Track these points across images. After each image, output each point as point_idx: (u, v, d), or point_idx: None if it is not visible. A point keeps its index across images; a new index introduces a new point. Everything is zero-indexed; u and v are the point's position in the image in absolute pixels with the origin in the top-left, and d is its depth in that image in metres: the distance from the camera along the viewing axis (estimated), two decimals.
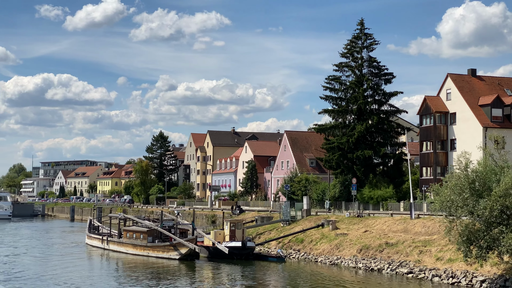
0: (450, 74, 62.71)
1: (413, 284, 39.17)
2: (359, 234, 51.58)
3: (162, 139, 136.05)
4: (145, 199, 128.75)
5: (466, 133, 59.43)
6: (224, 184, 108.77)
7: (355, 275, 43.81)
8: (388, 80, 70.23)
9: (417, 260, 42.95)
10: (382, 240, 48.29)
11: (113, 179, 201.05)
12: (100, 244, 60.60)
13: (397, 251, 45.62)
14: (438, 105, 62.34)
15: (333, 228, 55.00)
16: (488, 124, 57.93)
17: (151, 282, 40.98)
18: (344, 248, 50.28)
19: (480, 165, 34.88)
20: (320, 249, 52.33)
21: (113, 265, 52.14)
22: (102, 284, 41.24)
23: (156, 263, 50.25)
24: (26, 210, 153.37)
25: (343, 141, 67.38)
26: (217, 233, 53.55)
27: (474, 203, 33.45)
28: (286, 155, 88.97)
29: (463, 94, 60.53)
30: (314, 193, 72.79)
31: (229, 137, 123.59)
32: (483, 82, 63.20)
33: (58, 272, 45.42)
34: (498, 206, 32.63)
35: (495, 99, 58.84)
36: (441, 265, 40.58)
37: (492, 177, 34.14)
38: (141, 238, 54.18)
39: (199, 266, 48.94)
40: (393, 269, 43.15)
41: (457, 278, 37.86)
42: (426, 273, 40.40)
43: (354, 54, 70.08)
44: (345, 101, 69.75)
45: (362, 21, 70.26)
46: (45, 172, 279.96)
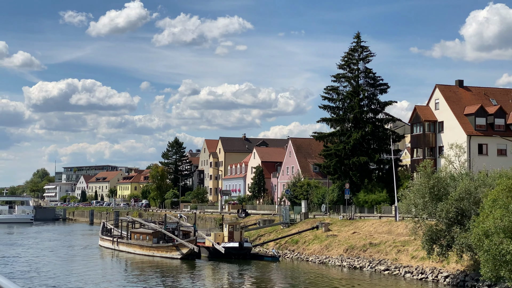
0: (438, 85, 66.53)
1: (388, 280, 43.21)
2: (348, 235, 55.68)
3: (177, 145, 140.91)
4: (160, 203, 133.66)
5: (452, 141, 63.02)
6: (234, 188, 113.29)
7: (339, 273, 47.96)
8: (384, 90, 74.05)
9: (394, 258, 47.00)
10: (367, 241, 52.37)
11: (132, 184, 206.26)
12: (111, 245, 65.39)
13: (379, 250, 49.70)
14: (427, 114, 66.17)
15: (325, 230, 59.13)
16: (472, 132, 61.67)
17: (155, 281, 45.49)
18: (333, 248, 54.44)
19: (440, 171, 38.92)
20: (311, 249, 56.54)
21: (122, 264, 56.78)
22: (112, 282, 45.81)
23: (160, 262, 54.81)
24: (48, 214, 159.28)
25: (340, 148, 71.37)
26: (216, 234, 57.97)
27: (434, 206, 37.51)
28: (291, 161, 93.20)
29: (450, 104, 64.32)
30: (315, 197, 76.79)
31: (240, 144, 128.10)
32: (469, 93, 66.92)
33: (72, 271, 50.17)
34: (454, 209, 36.64)
35: (479, 109, 62.57)
36: (414, 262, 44.57)
37: (451, 182, 38.17)
38: (147, 240, 58.84)
39: (199, 265, 53.36)
40: (373, 267, 47.26)
41: (425, 274, 41.91)
42: (400, 270, 44.45)
43: (351, 66, 74.01)
44: (342, 110, 73.72)
45: (359, 34, 74.25)
46: (67, 177, 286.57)
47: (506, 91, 69.59)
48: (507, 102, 66.60)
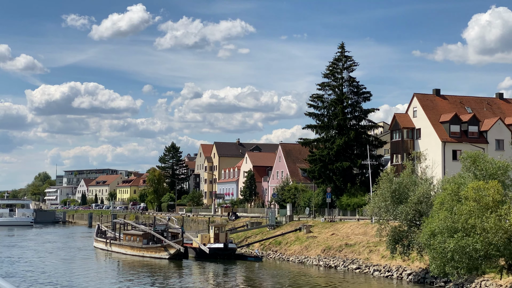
0: (416, 94, 69.79)
1: (358, 278, 46.49)
2: (327, 236, 58.98)
3: (174, 149, 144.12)
4: (157, 207, 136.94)
5: (428, 147, 66.43)
6: (227, 192, 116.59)
7: (315, 272, 51.23)
8: (367, 98, 77.31)
9: (366, 258, 50.30)
10: (343, 242, 55.67)
11: (131, 187, 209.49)
12: (105, 247, 68.73)
13: (353, 250, 52.99)
14: (406, 122, 69.44)
15: (307, 231, 62.42)
16: (446, 139, 64.92)
17: (144, 279, 48.84)
18: (312, 248, 57.74)
19: (402, 177, 42.24)
20: (292, 249, 59.84)
21: (113, 264, 60.10)
22: (103, 279, 49.12)
23: (149, 262, 58.13)
24: (48, 217, 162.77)
25: (324, 153, 74.59)
26: (203, 236, 61.30)
27: (394, 209, 40.81)
28: (280, 165, 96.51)
29: (427, 112, 67.57)
30: (301, 201, 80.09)
31: (234, 148, 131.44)
32: (446, 101, 70.16)
33: (66, 270, 53.52)
34: (413, 211, 39.94)
35: (453, 117, 65.82)
36: (383, 261, 47.85)
37: (411, 187, 41.46)
38: (138, 241, 62.18)
39: (185, 265, 56.64)
40: (346, 266, 50.58)
41: (391, 272, 45.25)
42: (370, 269, 47.78)
43: (335, 75, 77.29)
44: (327, 117, 76.95)
45: (343, 45, 77.50)
46: (68, 181, 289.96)
47: (481, 99, 72.79)
48: (482, 110, 69.83)
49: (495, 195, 31.39)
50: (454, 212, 32.29)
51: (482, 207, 31.26)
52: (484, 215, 30.80)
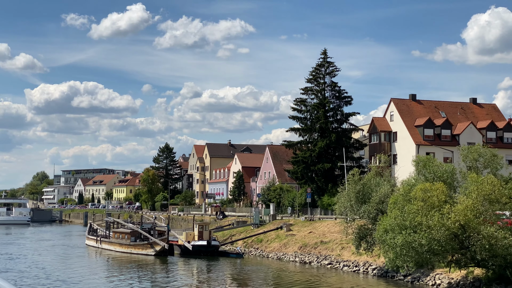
0: (393, 99, 73.20)
1: (329, 272, 49.80)
2: (305, 234, 62.33)
3: (168, 150, 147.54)
4: (151, 206, 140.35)
5: (404, 149, 69.83)
6: (218, 192, 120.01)
7: (290, 267, 54.54)
8: (348, 102, 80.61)
9: (338, 254, 53.66)
10: (319, 239, 59.03)
11: (127, 187, 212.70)
12: (95, 244, 72.07)
13: (327, 247, 56.36)
14: (383, 125, 72.81)
15: (287, 230, 65.75)
16: (420, 142, 68.30)
17: (131, 275, 52.20)
18: (290, 245, 61.10)
19: (367, 179, 45.61)
20: (272, 247, 63.21)
21: (103, 260, 63.40)
22: (94, 275, 52.44)
23: (136, 258, 61.45)
24: (45, 216, 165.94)
25: (306, 155, 77.94)
26: (188, 233, 64.64)
27: (359, 208, 44.18)
28: (268, 166, 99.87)
29: (402, 116, 70.96)
30: (286, 200, 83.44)
31: (225, 149, 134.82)
32: (421, 106, 73.55)
33: (57, 266, 56.86)
34: (375, 210, 43.29)
35: (427, 121, 69.21)
36: (353, 257, 51.15)
37: (375, 188, 44.81)
38: (126, 238, 65.50)
39: (170, 261, 59.92)
40: (319, 262, 53.92)
41: (358, 267, 48.59)
42: (340, 264, 51.13)
43: (318, 80, 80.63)
44: (310, 121, 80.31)
45: (325, 51, 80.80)
46: (66, 180, 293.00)
47: (455, 104, 76.20)
48: (456, 115, 73.20)
49: (440, 195, 34.72)
50: (404, 211, 35.61)
51: (428, 206, 34.59)
52: (429, 214, 34.11)
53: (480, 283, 37.10)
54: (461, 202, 34.22)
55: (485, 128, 70.99)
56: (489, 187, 33.95)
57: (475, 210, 33.81)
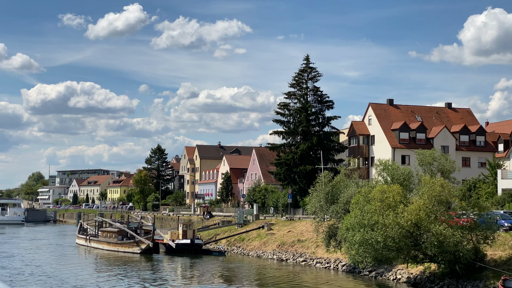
0: (371, 104, 76.28)
1: (302, 268, 52.80)
2: (284, 233, 65.34)
3: (159, 151, 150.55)
4: (143, 206, 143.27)
5: (381, 152, 72.87)
6: (207, 192, 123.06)
7: (267, 264, 57.53)
8: (330, 106, 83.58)
9: (312, 252, 56.69)
10: (296, 238, 62.05)
11: (121, 188, 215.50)
12: (85, 243, 75.00)
13: (303, 245, 59.40)
14: (362, 129, 75.87)
15: (268, 229, 68.75)
16: (396, 145, 71.37)
17: (117, 271, 55.12)
18: (269, 244, 64.12)
19: (336, 181, 48.63)
20: (252, 245, 66.23)
21: (91, 258, 66.30)
22: (82, 272, 55.33)
23: (123, 256, 64.37)
24: (39, 216, 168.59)
25: (289, 157, 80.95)
26: (172, 232, 67.60)
27: (328, 208, 47.21)
28: (254, 168, 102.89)
29: (380, 120, 74.02)
30: (270, 201, 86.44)
31: (215, 151, 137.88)
32: (398, 110, 76.65)
33: (50, 264, 59.75)
34: (342, 210, 46.30)
35: (403, 125, 72.28)
36: (326, 255, 54.16)
37: (343, 189, 47.82)
38: (113, 237, 68.43)
39: (155, 258, 62.86)
40: (295, 259, 56.94)
41: (330, 264, 51.65)
42: (313, 261, 54.19)
43: (301, 85, 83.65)
44: (292, 124, 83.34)
45: (308, 57, 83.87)
46: (61, 181, 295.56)
47: (431, 108, 79.30)
48: (431, 119, 76.29)
49: (395, 196, 37.76)
50: (364, 210, 38.64)
51: (385, 206, 37.62)
52: (385, 213, 37.14)
53: (434, 277, 40.18)
54: (414, 203, 37.26)
55: (458, 132, 74.09)
56: (439, 189, 36.97)
57: (426, 209, 36.83)
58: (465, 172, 72.10)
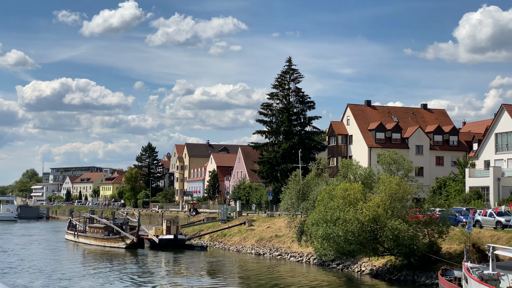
0: (349, 105, 79.28)
1: (277, 262, 55.78)
2: (263, 229, 68.33)
3: (150, 149, 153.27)
4: (134, 203, 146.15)
5: (358, 151, 75.88)
6: (195, 190, 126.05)
7: (245, 258, 60.50)
8: (311, 107, 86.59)
9: (288, 246, 59.69)
10: (274, 233, 65.05)
11: (114, 185, 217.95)
12: (73, 238, 77.88)
13: (279, 240, 62.40)
14: (341, 129, 78.87)
15: (249, 225, 71.72)
16: (372, 144, 74.37)
17: (103, 264, 57.99)
18: (249, 239, 67.10)
19: (307, 179, 51.62)
20: (233, 240, 69.21)
21: (79, 253, 69.13)
22: (70, 266, 58.16)
23: (109, 251, 67.27)
24: (32, 212, 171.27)
25: (271, 156, 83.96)
26: (157, 228, 70.53)
27: (299, 205, 50.21)
28: (240, 166, 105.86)
29: (357, 121, 77.01)
30: (254, 198, 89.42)
31: (204, 149, 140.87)
32: (375, 111, 79.66)
33: (36, 257, 62.59)
34: (311, 207, 49.28)
35: (379, 125, 75.29)
36: (300, 249, 57.11)
37: (313, 187, 50.82)
38: (100, 233, 71.34)
39: (140, 253, 65.74)
40: (271, 253, 59.96)
41: (302, 257, 54.67)
42: (288, 255, 57.19)
43: (283, 86, 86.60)
44: (275, 124, 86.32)
45: (290, 59, 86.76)
46: (54, 178, 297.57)
47: (406, 109, 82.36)
48: (407, 119, 79.35)
49: (356, 194, 40.76)
50: (328, 207, 41.65)
51: (347, 203, 40.63)
52: (346, 209, 40.14)
53: (394, 269, 43.26)
54: (373, 200, 40.27)
55: (432, 132, 77.15)
56: (395, 187, 39.98)
57: (384, 206, 39.86)
58: (438, 170, 75.34)
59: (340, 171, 46.01)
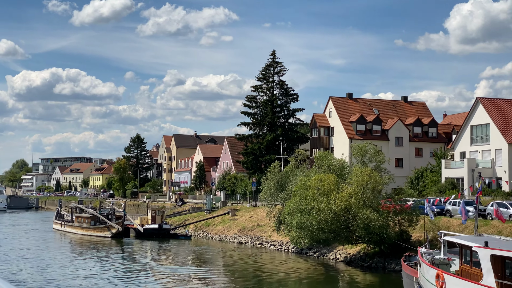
0: (331, 97, 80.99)
1: (258, 250, 57.57)
2: (246, 219, 70.11)
3: (139, 140, 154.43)
4: (123, 194, 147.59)
5: (340, 143, 77.65)
6: (182, 180, 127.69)
7: (227, 246, 62.26)
8: (295, 99, 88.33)
9: (269, 235, 61.47)
10: (256, 223, 66.85)
11: (103, 175, 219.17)
12: (60, 228, 79.43)
13: (261, 230, 64.19)
14: (323, 121, 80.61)
15: (232, 215, 73.47)
16: (353, 136, 76.14)
17: (90, 251, 59.58)
18: (231, 228, 68.88)
19: (285, 170, 53.35)
20: (216, 230, 70.96)
21: (67, 241, 70.70)
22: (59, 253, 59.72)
23: (95, 240, 68.86)
24: (21, 203, 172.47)
25: (255, 147, 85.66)
26: (142, 218, 72.20)
27: (277, 195, 51.95)
28: (226, 157, 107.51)
29: (339, 113, 78.75)
30: (239, 188, 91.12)
31: (191, 140, 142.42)
32: (357, 103, 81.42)
33: (27, 247, 64.13)
34: (289, 197, 51.00)
35: (360, 117, 77.06)
36: (280, 238, 58.93)
37: (292, 178, 52.55)
38: (86, 222, 72.93)
39: (125, 242, 67.38)
40: (252, 242, 61.75)
41: (282, 246, 56.46)
42: (268, 244, 58.99)
43: (267, 78, 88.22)
44: (259, 116, 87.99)
45: (274, 52, 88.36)
46: (44, 168, 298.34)
47: (387, 102, 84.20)
48: (387, 112, 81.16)
49: (330, 184, 42.51)
50: (303, 197, 43.40)
51: (320, 193, 42.39)
52: (320, 199, 41.90)
53: (366, 256, 45.13)
54: (345, 190, 42.05)
55: (412, 124, 79.01)
56: (367, 178, 41.76)
57: (356, 196, 41.65)
58: (417, 161, 77.25)
59: (316, 163, 47.73)
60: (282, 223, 52.87)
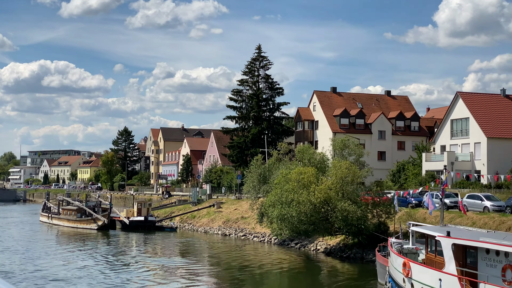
0: (316, 91, 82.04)
1: (242, 242, 58.61)
2: (230, 211, 71.13)
3: (126, 133, 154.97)
4: (110, 186, 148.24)
5: (323, 136, 78.71)
6: (170, 173, 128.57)
7: (212, 238, 63.29)
8: (280, 93, 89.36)
9: (252, 227, 62.54)
10: (240, 215, 67.89)
11: (91, 168, 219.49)
12: (47, 220, 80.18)
13: (245, 222, 65.26)
14: (307, 115, 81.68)
15: (217, 207, 74.47)
16: (337, 130, 77.26)
17: (76, 244, 60.40)
18: (216, 221, 69.91)
19: (268, 164, 54.38)
20: (201, 222, 71.97)
21: (53, 234, 71.46)
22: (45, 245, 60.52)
23: (81, 232, 69.71)
24: (9, 195, 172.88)
25: (241, 141, 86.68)
26: (128, 210, 73.08)
27: (259, 188, 52.98)
28: (212, 150, 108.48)
29: (323, 107, 79.84)
30: (225, 181, 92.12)
31: (179, 133, 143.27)
32: (340, 97, 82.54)
33: (15, 239, 64.85)
34: (271, 190, 52.03)
35: (343, 111, 78.18)
36: (263, 230, 60.00)
37: (274, 171, 53.57)
38: (73, 215, 73.73)
39: (111, 234, 68.26)
40: (236, 234, 62.81)
41: (264, 237, 57.56)
42: (252, 235, 60.06)
43: (253, 72, 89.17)
44: (245, 109, 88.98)
45: (260, 46, 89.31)
46: (32, 161, 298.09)
47: (371, 96, 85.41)
48: (371, 106, 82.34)
49: (310, 177, 43.59)
50: (283, 189, 44.46)
51: (301, 185, 43.46)
52: (300, 192, 42.98)
53: (345, 247, 46.30)
54: (324, 183, 43.15)
55: (394, 118, 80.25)
56: (345, 171, 42.87)
57: (335, 189, 42.75)
58: (400, 154, 78.49)
59: (297, 156, 48.78)
60: (264, 215, 53.96)
